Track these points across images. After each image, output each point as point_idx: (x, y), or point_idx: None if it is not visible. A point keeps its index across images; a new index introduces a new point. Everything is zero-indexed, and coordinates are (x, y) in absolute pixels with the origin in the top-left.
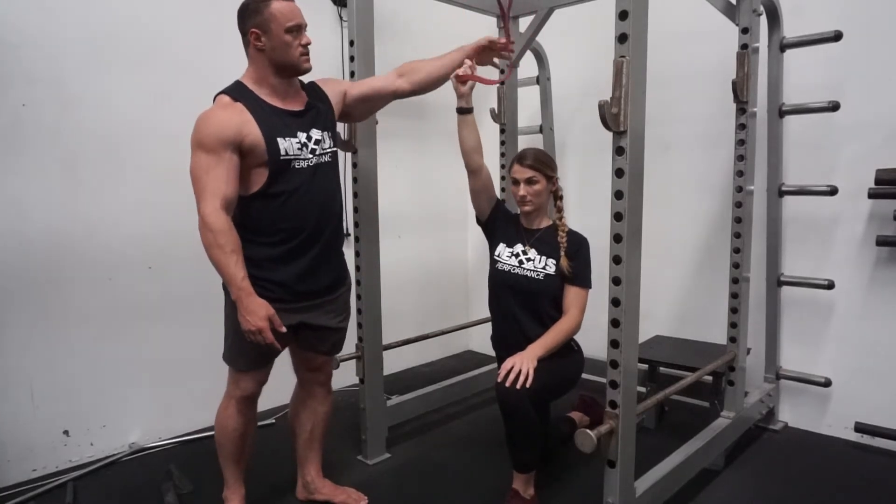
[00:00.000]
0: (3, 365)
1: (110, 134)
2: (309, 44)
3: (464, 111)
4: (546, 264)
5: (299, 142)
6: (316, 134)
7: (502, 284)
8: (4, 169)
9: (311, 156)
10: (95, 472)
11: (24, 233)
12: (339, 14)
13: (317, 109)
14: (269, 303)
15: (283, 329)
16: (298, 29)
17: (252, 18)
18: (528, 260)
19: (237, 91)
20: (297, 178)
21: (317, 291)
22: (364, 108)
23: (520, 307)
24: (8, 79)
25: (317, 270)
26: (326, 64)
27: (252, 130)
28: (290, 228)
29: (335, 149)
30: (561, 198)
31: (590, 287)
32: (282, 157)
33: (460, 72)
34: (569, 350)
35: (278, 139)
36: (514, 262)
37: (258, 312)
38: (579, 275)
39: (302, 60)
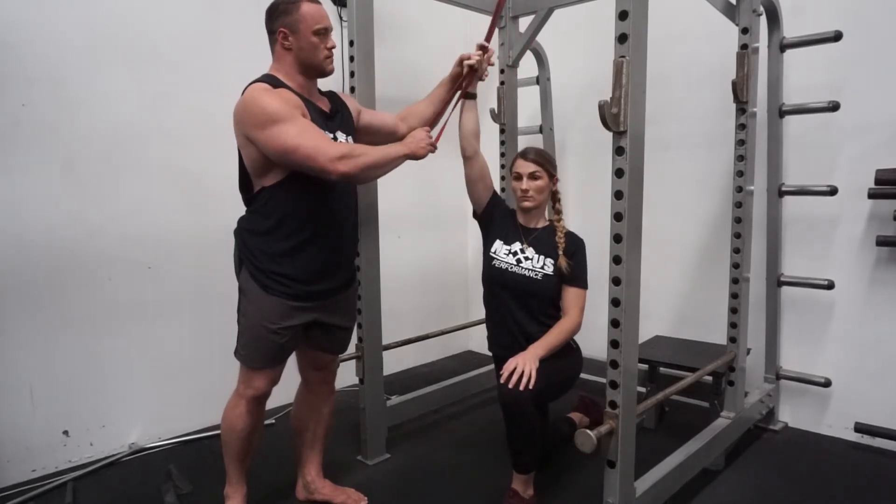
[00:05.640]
0: (3, 365)
1: (110, 134)
2: (334, 47)
3: (469, 96)
4: (544, 264)
5: (331, 136)
6: (341, 137)
7: (499, 282)
8: (4, 169)
9: None
10: (95, 473)
11: (24, 233)
12: (339, 14)
13: (341, 114)
14: (285, 299)
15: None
16: (326, 32)
17: (282, 18)
18: (527, 259)
19: (273, 80)
20: None
21: (330, 290)
22: (366, 139)
23: (517, 306)
24: (7, 79)
25: (331, 268)
26: None
27: (306, 114)
28: (310, 219)
29: None
30: (559, 200)
31: (587, 288)
32: None
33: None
34: (568, 350)
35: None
36: (511, 260)
37: (416, 135)
38: (578, 275)
39: (326, 62)
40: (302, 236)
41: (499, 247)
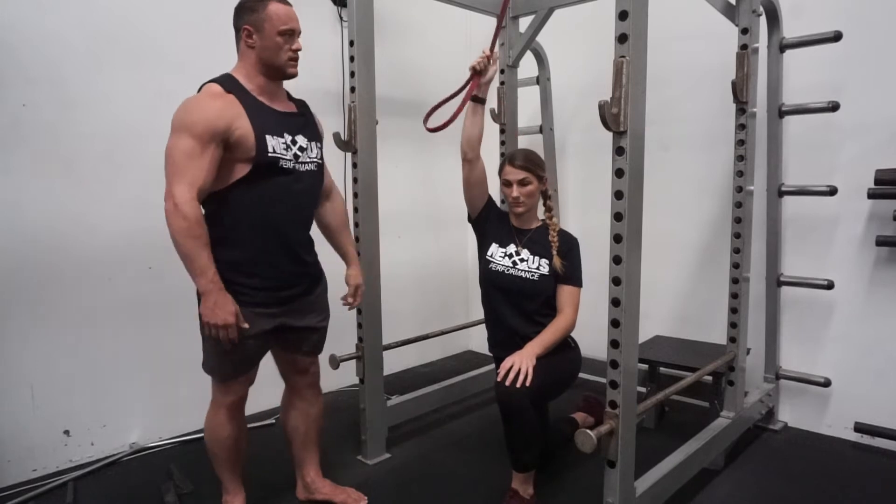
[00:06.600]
0: (3, 365)
1: (110, 134)
2: (299, 50)
3: (477, 100)
4: (539, 265)
5: (284, 142)
6: (301, 141)
7: (496, 285)
8: (4, 169)
9: (293, 159)
10: (96, 472)
11: (25, 232)
12: (339, 14)
13: (306, 118)
14: (247, 307)
15: (246, 325)
16: (292, 33)
17: (247, 15)
18: (522, 260)
19: (228, 83)
20: (279, 177)
21: (294, 295)
22: None
23: (513, 307)
24: (8, 79)
25: (292, 273)
26: (327, 64)
27: (243, 125)
28: (265, 226)
29: (321, 161)
30: (550, 197)
31: (581, 286)
32: (269, 154)
33: (476, 65)
34: (566, 348)
35: (267, 136)
36: (507, 262)
37: (227, 307)
38: (572, 274)
39: (289, 65)
40: (257, 243)
41: (494, 250)
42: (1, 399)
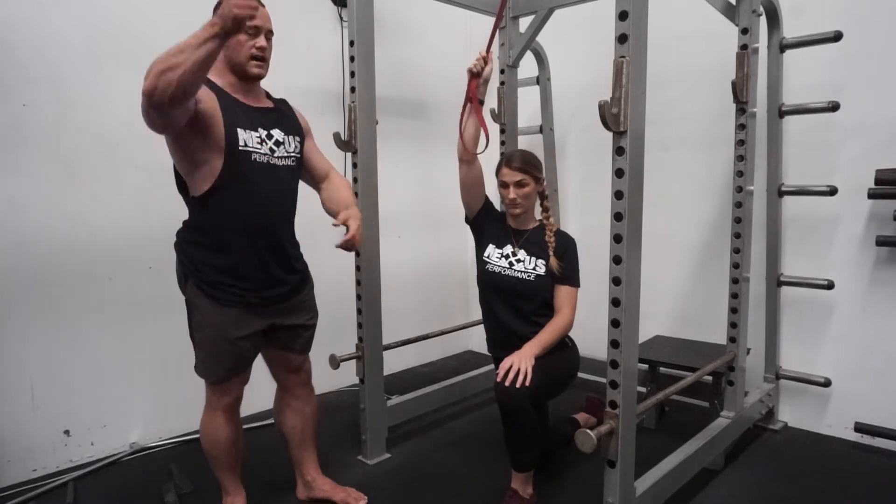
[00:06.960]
0: (3, 365)
1: (110, 134)
2: (263, 48)
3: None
4: (536, 265)
5: (259, 136)
6: (278, 135)
7: (493, 286)
8: (5, 169)
9: (269, 153)
10: (96, 472)
11: (25, 232)
12: (339, 14)
13: (281, 112)
14: (239, 308)
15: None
16: (256, 30)
17: (216, 12)
18: (518, 261)
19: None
20: (254, 172)
21: (283, 294)
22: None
23: (510, 308)
24: (8, 79)
25: (279, 268)
26: (327, 64)
27: (214, 105)
28: (248, 223)
29: (299, 155)
30: (547, 197)
31: (579, 286)
32: (240, 148)
33: (473, 68)
34: (564, 347)
35: (238, 129)
36: (504, 263)
37: (225, 6)
38: (569, 274)
39: (251, 64)
40: (243, 242)
41: (491, 251)
42: (1, 399)
